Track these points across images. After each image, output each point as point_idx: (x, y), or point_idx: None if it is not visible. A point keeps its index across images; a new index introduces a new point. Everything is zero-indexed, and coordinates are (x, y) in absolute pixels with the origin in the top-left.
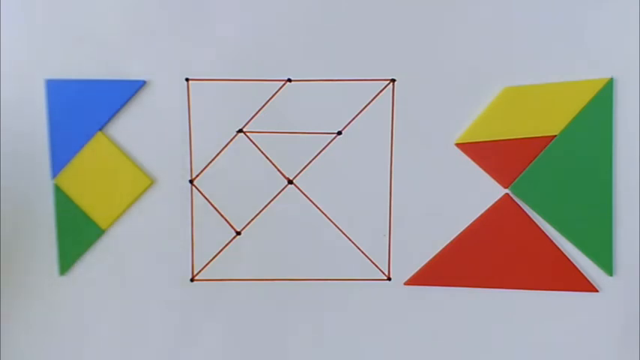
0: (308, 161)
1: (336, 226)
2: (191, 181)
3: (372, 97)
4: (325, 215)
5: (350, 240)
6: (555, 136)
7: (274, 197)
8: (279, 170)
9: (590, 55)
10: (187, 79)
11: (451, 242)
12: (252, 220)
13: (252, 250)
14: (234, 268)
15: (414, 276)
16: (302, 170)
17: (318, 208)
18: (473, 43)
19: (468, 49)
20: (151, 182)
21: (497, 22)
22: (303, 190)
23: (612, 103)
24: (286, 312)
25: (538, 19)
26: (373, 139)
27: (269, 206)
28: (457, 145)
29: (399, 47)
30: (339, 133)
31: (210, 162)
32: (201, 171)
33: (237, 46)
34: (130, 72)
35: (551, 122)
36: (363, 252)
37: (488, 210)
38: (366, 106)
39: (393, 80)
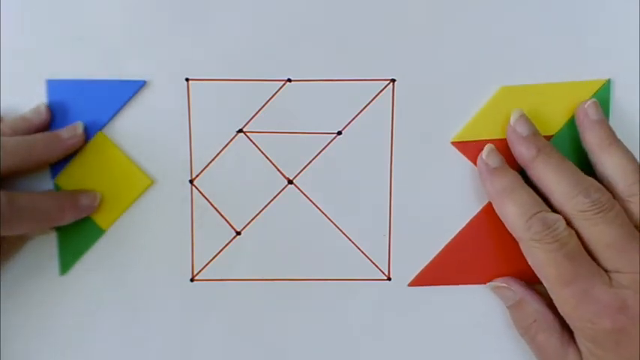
0: (308, 161)
1: (336, 226)
2: (191, 181)
3: (372, 97)
4: (325, 215)
5: (350, 240)
6: (552, 136)
7: (274, 197)
8: (279, 170)
9: (588, 56)
10: (187, 79)
11: (452, 241)
12: (252, 220)
13: (252, 250)
14: (234, 268)
15: (417, 277)
16: (302, 170)
17: (318, 208)
18: (473, 44)
19: (469, 49)
20: (151, 182)
21: (497, 22)
22: (303, 190)
23: (610, 105)
24: (286, 312)
25: (539, 20)
26: (373, 139)
27: (269, 206)
28: (453, 143)
29: (399, 47)
30: (339, 133)
31: (210, 162)
32: (201, 171)
33: (237, 46)
34: (130, 72)
35: (548, 122)
36: (363, 252)
37: (486, 206)
38: (366, 106)
39: (393, 80)
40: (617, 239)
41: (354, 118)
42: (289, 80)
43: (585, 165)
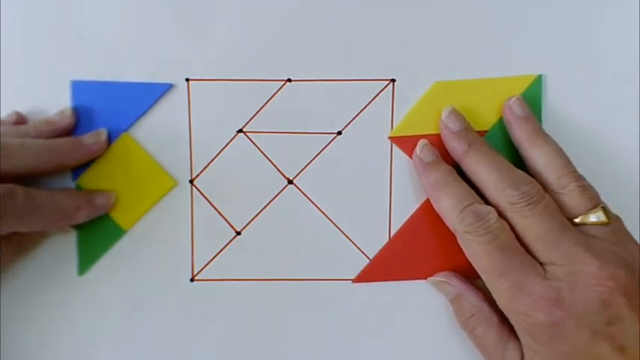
0: (308, 161)
1: (336, 226)
2: (191, 181)
3: (372, 97)
4: (325, 215)
5: (350, 240)
6: (486, 131)
7: (274, 197)
8: (279, 170)
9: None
10: (187, 79)
11: (394, 236)
12: (252, 220)
13: (252, 250)
14: (234, 268)
15: (360, 274)
16: (302, 170)
17: (318, 208)
18: (474, 44)
19: (469, 49)
20: (175, 183)
21: (498, 22)
22: (303, 190)
23: (541, 100)
24: (286, 312)
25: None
26: (373, 139)
27: (269, 206)
28: (391, 138)
29: (399, 47)
30: (339, 133)
31: (210, 162)
32: (202, 171)
33: (237, 46)
34: (130, 72)
35: (482, 117)
36: (363, 252)
37: (427, 201)
38: (366, 106)
39: (393, 80)
40: (547, 231)
41: (354, 118)
42: (289, 80)
43: (520, 159)
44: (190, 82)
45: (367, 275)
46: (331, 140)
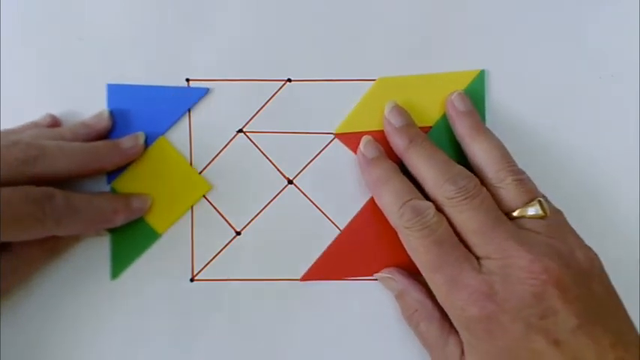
0: (308, 161)
1: (336, 226)
2: None
3: None
4: (325, 215)
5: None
6: (431, 127)
7: (274, 197)
8: (279, 170)
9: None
10: (187, 80)
11: (341, 233)
12: (252, 220)
13: (252, 250)
14: (234, 268)
15: (308, 272)
16: (302, 170)
17: (318, 208)
18: (473, 44)
19: (469, 48)
20: (210, 187)
21: (498, 22)
22: (303, 190)
23: (484, 95)
24: (287, 312)
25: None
26: None
27: (269, 206)
28: (336, 135)
29: (399, 47)
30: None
31: (211, 162)
32: (201, 171)
33: (238, 46)
34: (130, 72)
35: (426, 113)
36: None
37: (369, 201)
38: None
39: None
40: (481, 225)
41: None
42: (289, 80)
43: (463, 155)
44: (190, 82)
45: (314, 273)
46: (331, 140)
